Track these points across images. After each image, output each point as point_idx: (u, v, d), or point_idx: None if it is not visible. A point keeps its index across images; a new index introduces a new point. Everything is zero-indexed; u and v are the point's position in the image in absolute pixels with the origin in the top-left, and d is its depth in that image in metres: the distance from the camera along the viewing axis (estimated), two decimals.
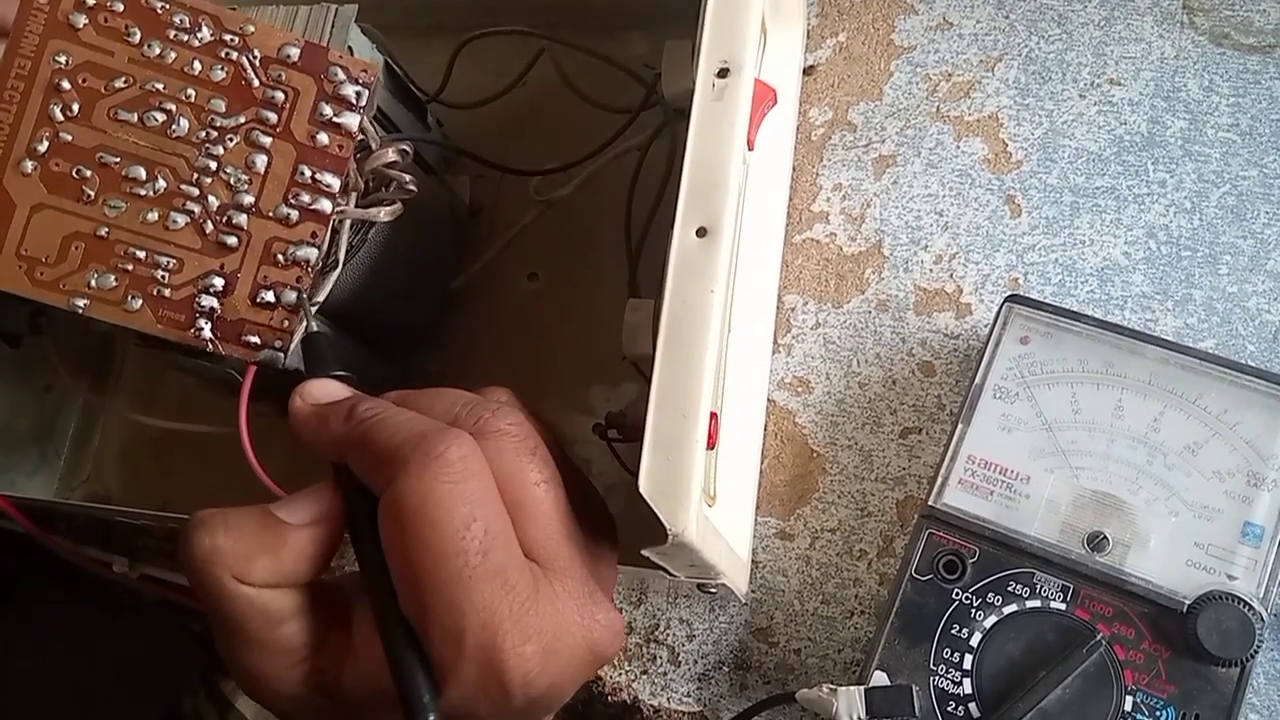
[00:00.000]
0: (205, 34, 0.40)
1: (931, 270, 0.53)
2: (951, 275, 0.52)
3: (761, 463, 0.52)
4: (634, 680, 0.52)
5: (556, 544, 0.36)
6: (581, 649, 0.35)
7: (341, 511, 0.36)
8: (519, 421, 0.36)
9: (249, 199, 0.40)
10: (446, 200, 0.56)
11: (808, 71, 0.57)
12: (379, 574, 0.34)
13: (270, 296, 0.40)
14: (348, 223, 0.43)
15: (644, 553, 0.38)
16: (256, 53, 0.40)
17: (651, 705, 0.51)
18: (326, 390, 0.38)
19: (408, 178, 0.45)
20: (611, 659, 0.37)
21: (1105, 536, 0.44)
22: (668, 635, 0.52)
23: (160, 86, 0.39)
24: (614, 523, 0.41)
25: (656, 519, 0.36)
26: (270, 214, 0.40)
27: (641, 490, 0.36)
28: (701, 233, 0.39)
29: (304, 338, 0.40)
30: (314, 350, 0.40)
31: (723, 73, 0.40)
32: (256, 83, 0.40)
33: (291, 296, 0.40)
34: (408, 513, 0.32)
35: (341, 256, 0.43)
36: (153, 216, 0.39)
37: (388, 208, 0.44)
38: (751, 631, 0.51)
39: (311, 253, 0.40)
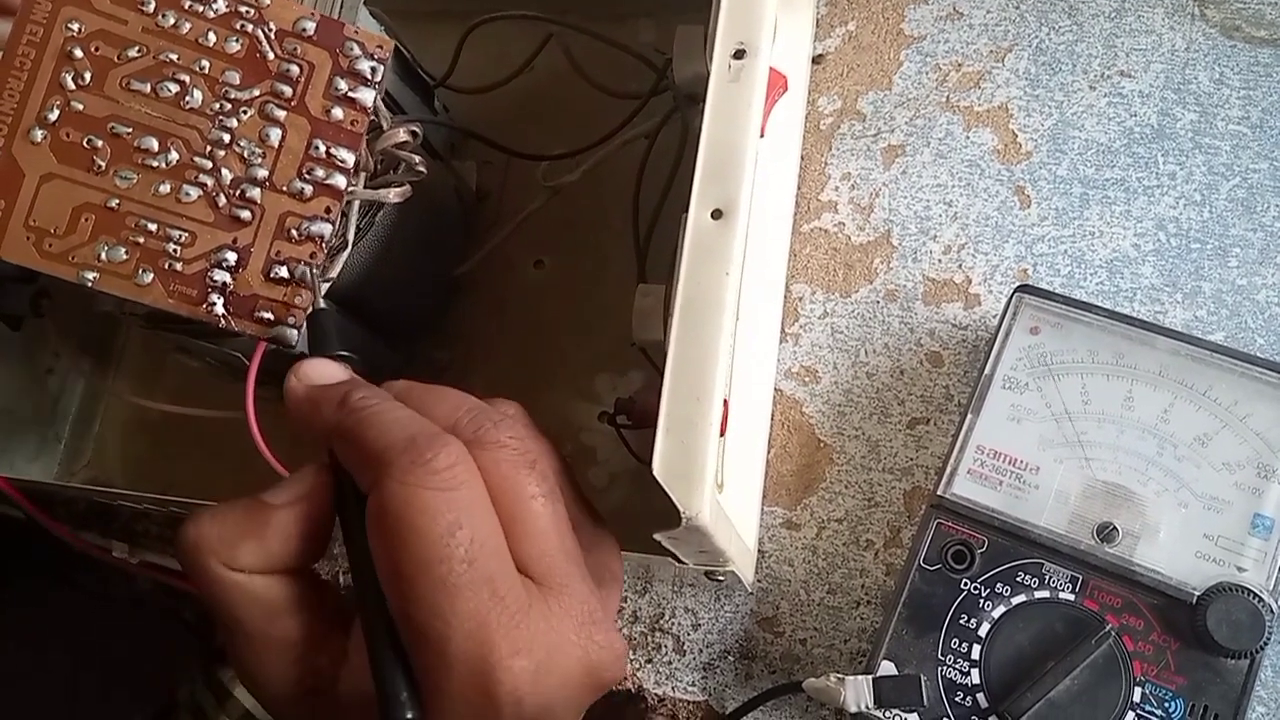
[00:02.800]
0: (220, 5, 0.39)
1: (940, 260, 0.53)
2: (960, 266, 0.52)
3: (768, 452, 0.52)
4: (639, 669, 0.51)
5: (552, 560, 0.34)
6: (577, 670, 0.34)
7: (329, 489, 0.35)
8: (520, 435, 0.35)
9: (263, 173, 0.39)
10: (453, 186, 0.55)
11: (817, 60, 0.57)
12: (364, 563, 0.33)
13: (284, 272, 0.39)
14: (356, 204, 0.42)
15: (655, 536, 0.38)
16: (272, 25, 0.39)
17: (656, 694, 0.51)
18: (323, 372, 0.37)
19: (417, 159, 0.44)
20: (611, 685, 0.35)
21: (1115, 527, 0.44)
22: (673, 624, 0.51)
23: (174, 57, 0.39)
24: (619, 550, 0.40)
25: (670, 502, 0.36)
26: (284, 188, 0.40)
27: (655, 473, 0.36)
28: (717, 214, 0.38)
29: (309, 315, 0.40)
30: (318, 328, 0.39)
31: (739, 54, 0.40)
32: (272, 55, 0.39)
33: (305, 272, 0.40)
34: (391, 518, 0.31)
35: (350, 237, 0.42)
36: (165, 189, 0.39)
37: (397, 189, 0.44)
38: (757, 621, 0.50)
39: (325, 228, 0.40)
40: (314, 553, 0.35)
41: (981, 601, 0.44)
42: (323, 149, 0.40)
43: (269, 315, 0.40)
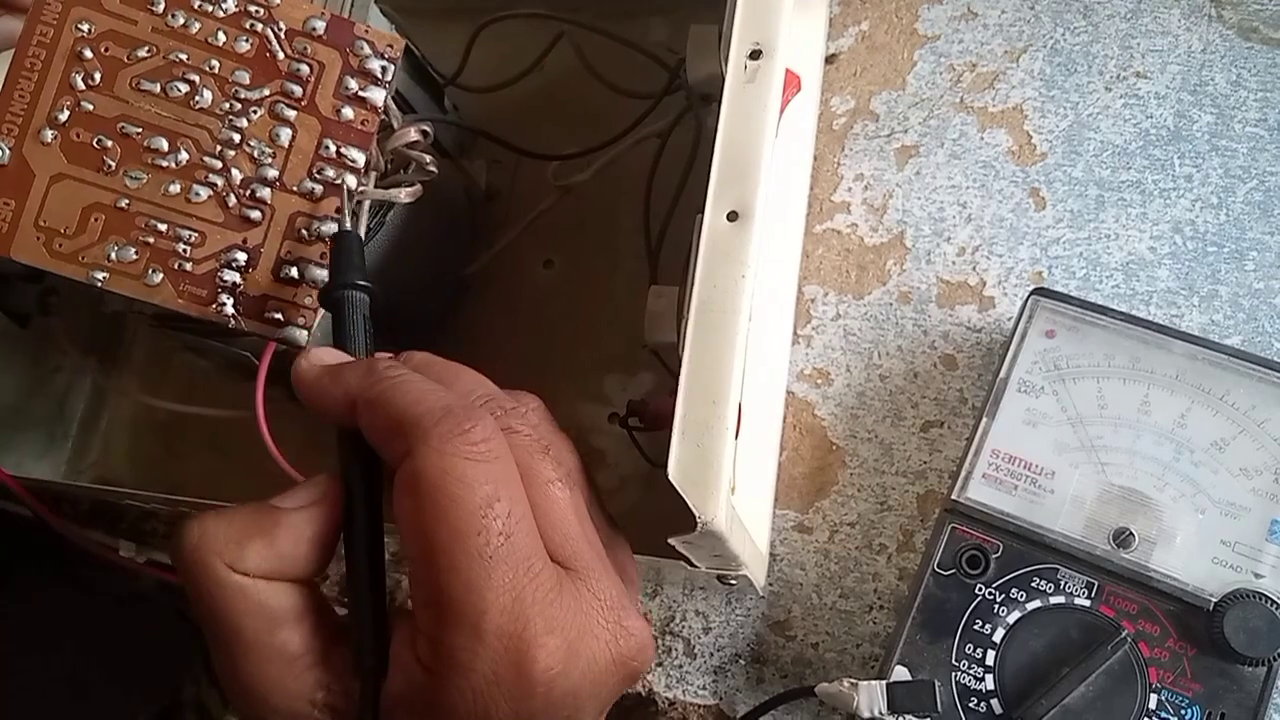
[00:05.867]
0: (230, 5, 0.39)
1: (954, 262, 0.52)
2: (974, 268, 0.52)
3: (780, 455, 0.52)
4: (649, 672, 0.51)
5: (575, 545, 0.33)
6: (605, 658, 0.33)
7: (339, 495, 0.34)
8: (534, 424, 0.35)
9: (273, 173, 0.39)
10: (463, 185, 0.55)
11: (830, 60, 0.56)
12: (363, 551, 0.33)
13: (294, 272, 0.39)
14: (366, 204, 0.42)
15: (670, 541, 0.37)
16: (281, 25, 0.39)
17: (667, 698, 0.51)
18: (336, 356, 0.36)
19: (428, 159, 0.44)
20: (639, 675, 0.34)
21: (1131, 533, 0.44)
22: (683, 627, 0.51)
23: (184, 57, 0.38)
24: (632, 556, 0.40)
25: (685, 506, 0.35)
26: (294, 188, 0.39)
27: (671, 477, 0.35)
28: (733, 216, 0.38)
29: (335, 236, 0.39)
30: (344, 250, 0.38)
31: (755, 54, 0.39)
32: (281, 55, 0.39)
33: (315, 273, 0.39)
34: (427, 485, 0.30)
35: (361, 237, 0.42)
36: (175, 189, 0.38)
37: (408, 189, 0.43)
38: (768, 625, 0.50)
39: (335, 228, 0.39)
40: (321, 562, 0.34)
41: (996, 607, 0.44)
42: (333, 149, 0.40)
43: (279, 315, 0.39)
